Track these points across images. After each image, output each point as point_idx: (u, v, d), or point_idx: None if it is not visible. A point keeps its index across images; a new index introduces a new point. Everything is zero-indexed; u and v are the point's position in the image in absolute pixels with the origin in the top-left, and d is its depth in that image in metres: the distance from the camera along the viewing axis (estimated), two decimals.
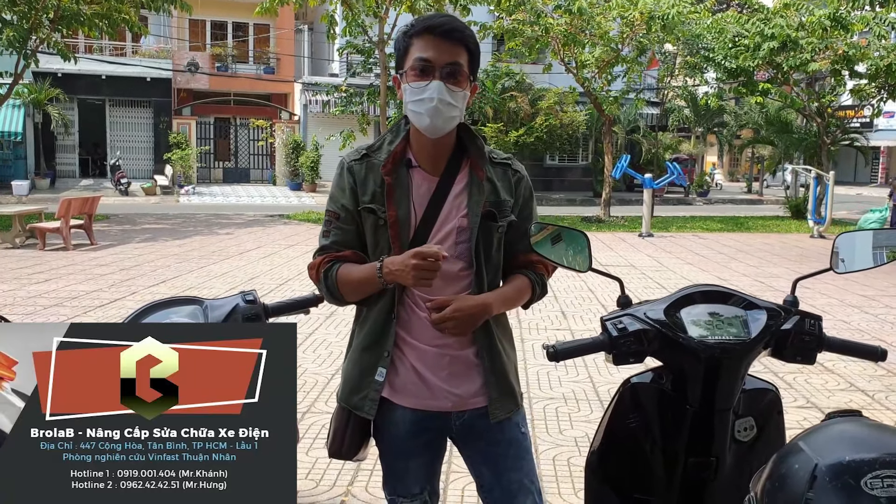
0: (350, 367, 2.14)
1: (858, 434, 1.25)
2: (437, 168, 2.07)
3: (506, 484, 2.16)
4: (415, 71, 1.95)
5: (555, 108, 26.35)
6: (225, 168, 31.75)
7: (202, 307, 1.99)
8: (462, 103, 2.00)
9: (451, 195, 2.06)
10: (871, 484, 1.13)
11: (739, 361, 1.88)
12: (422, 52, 1.94)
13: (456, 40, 1.96)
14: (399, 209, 2.02)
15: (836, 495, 1.15)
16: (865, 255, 2.08)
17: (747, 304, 1.94)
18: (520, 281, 2.14)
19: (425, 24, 1.96)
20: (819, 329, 1.92)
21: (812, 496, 1.17)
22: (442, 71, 1.94)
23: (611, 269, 11.18)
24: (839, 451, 1.21)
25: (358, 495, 3.74)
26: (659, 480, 2.01)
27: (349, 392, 2.12)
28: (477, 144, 2.10)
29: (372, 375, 2.07)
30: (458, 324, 1.96)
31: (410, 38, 1.97)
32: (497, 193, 2.09)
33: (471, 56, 2.00)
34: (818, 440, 1.27)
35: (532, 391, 5.39)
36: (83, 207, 13.33)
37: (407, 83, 1.97)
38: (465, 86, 1.99)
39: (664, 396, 1.99)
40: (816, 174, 17.27)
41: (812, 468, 1.20)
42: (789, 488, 1.22)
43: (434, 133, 2.00)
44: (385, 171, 2.03)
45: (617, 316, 1.95)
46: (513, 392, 2.13)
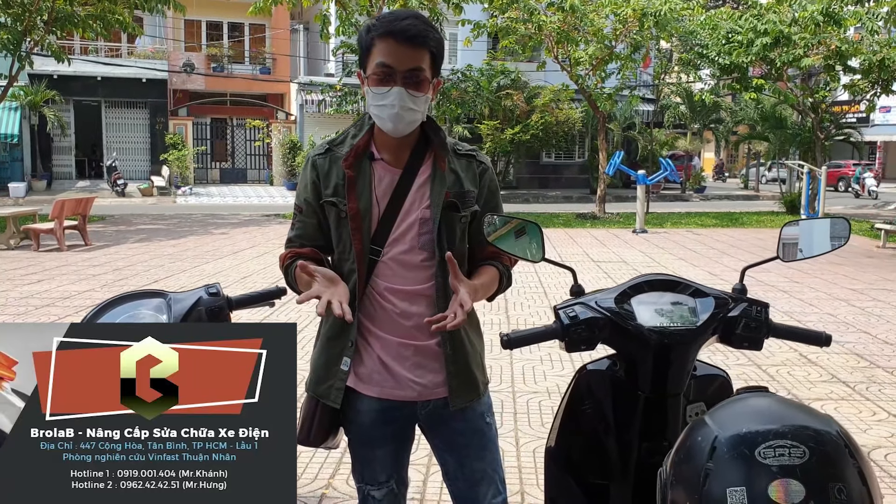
0: (316, 356, 2.18)
1: (758, 408, 1.31)
2: (400, 161, 2.09)
3: (469, 473, 2.20)
4: (376, 76, 1.95)
5: (550, 106, 26.39)
6: (222, 168, 31.80)
7: (166, 300, 2.04)
8: (424, 106, 2.01)
9: (414, 187, 2.08)
10: (764, 454, 1.19)
11: (688, 348, 1.92)
12: (383, 56, 1.94)
13: (417, 45, 1.94)
14: (360, 202, 2.04)
15: (733, 464, 1.21)
16: (823, 242, 2.11)
17: (695, 291, 1.98)
18: (489, 271, 2.17)
19: (387, 28, 1.94)
20: (765, 315, 1.95)
21: (711, 466, 1.22)
22: (403, 77, 1.94)
23: (603, 265, 11.30)
24: (738, 424, 1.26)
25: (338, 488, 3.78)
26: (615, 466, 2.04)
27: (316, 381, 2.16)
28: (440, 136, 2.12)
29: (337, 365, 2.10)
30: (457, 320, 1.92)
31: (373, 39, 1.96)
32: (461, 184, 2.11)
33: (433, 58, 2.00)
34: (722, 414, 1.32)
35: (517, 385, 5.43)
36: (77, 208, 13.38)
37: (368, 87, 1.98)
38: (426, 89, 2.00)
39: (617, 383, 2.03)
40: (809, 170, 17.31)
41: (712, 440, 1.25)
42: (692, 459, 1.27)
43: (396, 134, 2.02)
44: (346, 165, 2.05)
45: (569, 305, 1.99)
46: (474, 381, 2.16)
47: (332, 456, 4.08)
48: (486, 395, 2.24)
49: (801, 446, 1.20)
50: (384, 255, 2.06)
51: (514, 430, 4.57)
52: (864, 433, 4.53)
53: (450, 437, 2.20)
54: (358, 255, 2.04)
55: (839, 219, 2.10)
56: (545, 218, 19.05)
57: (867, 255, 12.83)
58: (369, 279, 2.07)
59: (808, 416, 1.28)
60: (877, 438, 4.46)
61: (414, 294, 2.08)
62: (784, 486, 1.17)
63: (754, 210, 22.79)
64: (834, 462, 1.20)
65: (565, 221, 18.65)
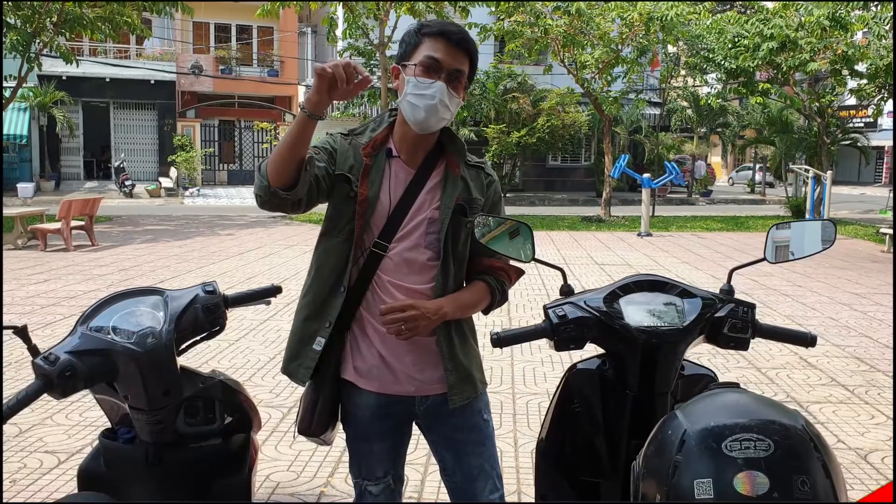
0: (291, 335, 2.23)
1: (727, 402, 1.34)
2: (415, 161, 2.16)
3: (466, 468, 2.25)
4: (423, 67, 2.03)
5: (556, 109, 26.41)
6: (229, 170, 31.91)
7: (163, 297, 2.07)
8: (455, 108, 2.09)
9: (426, 187, 2.15)
10: (731, 447, 1.22)
11: (675, 347, 1.95)
12: (433, 52, 2.03)
13: (464, 50, 2.06)
14: (370, 190, 2.10)
15: (701, 457, 1.24)
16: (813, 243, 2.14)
17: (683, 292, 2.01)
18: (478, 287, 2.22)
19: (441, 28, 2.06)
20: (751, 316, 1.98)
21: (680, 458, 1.26)
22: (447, 74, 2.04)
23: (606, 267, 11.31)
24: (707, 417, 1.30)
25: (337, 486, 3.81)
26: (605, 463, 2.08)
27: (288, 359, 2.21)
28: (457, 145, 2.20)
29: (310, 344, 2.15)
30: (411, 324, 2.01)
31: (423, 37, 2.06)
32: (469, 191, 2.18)
33: (471, 68, 2.11)
34: (692, 409, 1.36)
35: (517, 387, 5.46)
36: (84, 209, 13.46)
37: (413, 76, 2.04)
38: (462, 94, 2.10)
39: (606, 381, 2.06)
40: (815, 174, 17.29)
41: (682, 433, 1.28)
42: (663, 452, 1.31)
43: (424, 129, 2.09)
44: (365, 153, 2.12)
45: (559, 304, 2.02)
46: (471, 379, 2.21)
47: (330, 454, 4.12)
48: (483, 393, 2.28)
49: (766, 440, 1.23)
50: (390, 251, 2.11)
51: (512, 430, 4.60)
52: (862, 436, 4.54)
53: (447, 433, 2.24)
54: (357, 238, 2.09)
55: (827, 221, 2.13)
56: (550, 220, 19.07)
57: (871, 260, 12.81)
58: (375, 273, 2.12)
59: (776, 410, 1.32)
60: (874, 441, 4.47)
61: (415, 292, 2.12)
62: (750, 478, 1.21)
63: (760, 214, 22.76)
64: (798, 455, 1.24)
65: (570, 224, 18.67)
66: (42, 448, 4.24)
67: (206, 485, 2.10)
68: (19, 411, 1.75)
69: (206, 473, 2.10)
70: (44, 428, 4.53)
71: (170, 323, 1.99)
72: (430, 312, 2.04)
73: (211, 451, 2.12)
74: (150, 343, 1.92)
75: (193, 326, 2.08)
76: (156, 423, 1.98)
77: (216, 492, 2.11)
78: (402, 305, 2.01)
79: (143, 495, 2.04)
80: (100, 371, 1.89)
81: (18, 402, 1.75)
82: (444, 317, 2.09)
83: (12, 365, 5.72)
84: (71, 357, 1.84)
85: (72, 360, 1.83)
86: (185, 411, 2.05)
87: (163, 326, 1.97)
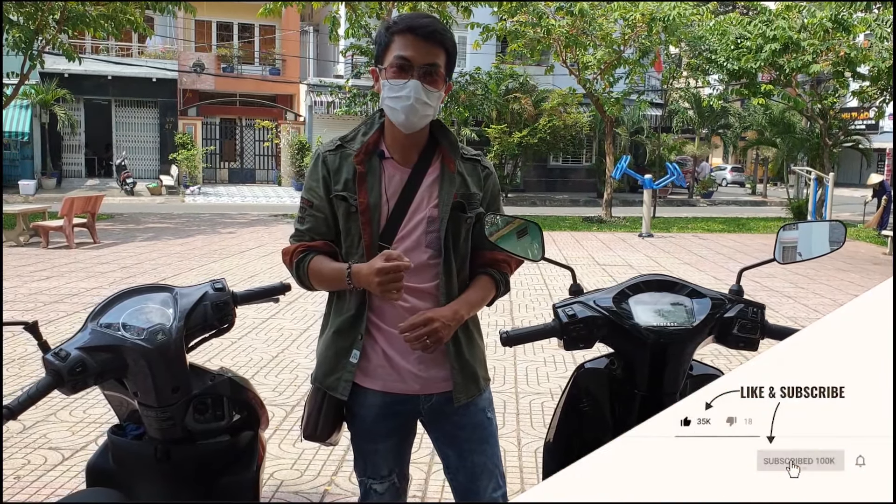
0: (324, 349, 2.21)
1: None
2: (409, 160, 2.14)
3: (469, 466, 2.25)
4: (394, 68, 2.02)
5: (558, 110, 26.40)
6: (230, 168, 31.89)
7: (173, 294, 2.07)
8: (437, 102, 2.07)
9: (423, 186, 2.13)
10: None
11: (684, 347, 1.95)
12: (402, 50, 2.01)
13: (436, 42, 2.02)
14: (370, 196, 2.09)
15: None
16: (821, 245, 2.14)
17: (692, 292, 2.01)
18: (484, 282, 2.22)
19: (408, 24, 2.02)
20: (761, 317, 1.98)
21: None
22: (420, 71, 2.01)
23: (608, 268, 11.31)
24: None
25: (341, 484, 3.82)
26: None
27: (324, 374, 2.19)
28: (450, 139, 2.18)
29: (346, 357, 2.14)
30: (434, 336, 2.01)
31: (392, 35, 2.03)
32: (467, 186, 2.16)
33: (448, 57, 2.07)
34: None
35: (520, 386, 5.46)
36: (86, 206, 13.47)
37: (386, 79, 2.04)
38: (441, 86, 2.06)
39: (615, 381, 2.06)
40: (817, 176, 17.29)
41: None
42: None
43: (408, 129, 2.07)
44: (357, 161, 2.10)
45: (568, 303, 2.02)
46: (476, 377, 2.21)
47: (334, 453, 4.13)
48: (487, 391, 2.28)
49: None
50: None
51: (516, 430, 4.60)
52: None
53: (451, 430, 2.24)
54: (367, 248, 2.09)
55: (836, 222, 2.13)
56: (552, 221, 19.06)
57: (874, 262, 12.82)
58: None
59: None
60: None
61: (419, 291, 2.12)
62: None
63: (762, 216, 22.76)
64: None
65: (572, 224, 18.67)
66: (46, 445, 4.25)
67: (214, 482, 2.10)
68: (30, 407, 1.76)
69: (215, 470, 2.10)
70: (48, 425, 4.54)
71: (179, 320, 1.98)
72: (448, 319, 2.04)
73: (219, 448, 2.11)
74: (159, 340, 1.92)
75: (203, 323, 2.07)
76: (165, 419, 1.97)
77: (224, 489, 2.11)
78: (423, 319, 2.00)
79: (152, 491, 2.04)
80: (110, 367, 1.89)
81: (29, 398, 1.76)
82: (461, 320, 2.09)
83: (15, 362, 5.72)
84: (81, 353, 1.84)
85: (82, 356, 1.83)
86: (193, 408, 2.05)
87: (172, 323, 1.97)
